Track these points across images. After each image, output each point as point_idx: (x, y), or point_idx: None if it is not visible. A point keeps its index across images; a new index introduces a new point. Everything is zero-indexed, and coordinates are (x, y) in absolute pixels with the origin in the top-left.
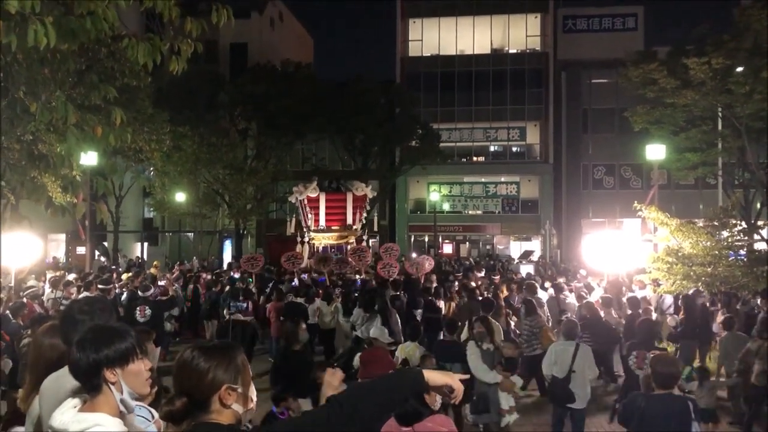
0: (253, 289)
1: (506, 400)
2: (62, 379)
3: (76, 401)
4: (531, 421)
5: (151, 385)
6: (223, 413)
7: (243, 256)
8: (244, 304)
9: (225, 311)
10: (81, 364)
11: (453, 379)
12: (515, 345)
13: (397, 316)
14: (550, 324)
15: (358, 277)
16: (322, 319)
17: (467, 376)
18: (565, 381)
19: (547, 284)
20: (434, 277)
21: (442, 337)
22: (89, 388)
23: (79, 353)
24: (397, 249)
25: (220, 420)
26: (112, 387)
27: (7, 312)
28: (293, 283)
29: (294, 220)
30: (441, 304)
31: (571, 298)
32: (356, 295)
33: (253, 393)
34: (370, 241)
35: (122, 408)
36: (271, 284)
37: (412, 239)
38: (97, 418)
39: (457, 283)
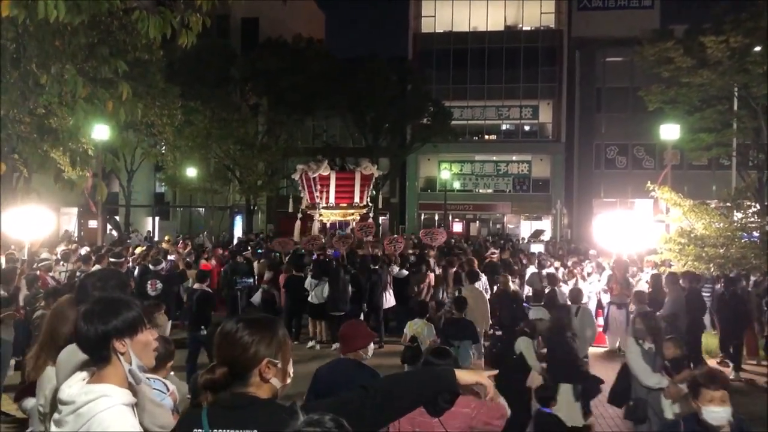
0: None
1: (670, 409)
2: (79, 351)
3: (84, 374)
4: None
5: (165, 358)
6: (261, 387)
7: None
8: (250, 280)
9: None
10: (89, 336)
11: (483, 377)
12: (676, 343)
13: (348, 284)
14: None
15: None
16: None
17: (496, 372)
18: None
19: (557, 263)
20: (432, 253)
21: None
22: (97, 359)
23: (86, 325)
24: (401, 241)
25: (258, 393)
26: (121, 358)
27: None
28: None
29: (295, 197)
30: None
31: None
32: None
33: (291, 369)
34: (380, 218)
35: (131, 379)
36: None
37: (422, 217)
38: (104, 389)
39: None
